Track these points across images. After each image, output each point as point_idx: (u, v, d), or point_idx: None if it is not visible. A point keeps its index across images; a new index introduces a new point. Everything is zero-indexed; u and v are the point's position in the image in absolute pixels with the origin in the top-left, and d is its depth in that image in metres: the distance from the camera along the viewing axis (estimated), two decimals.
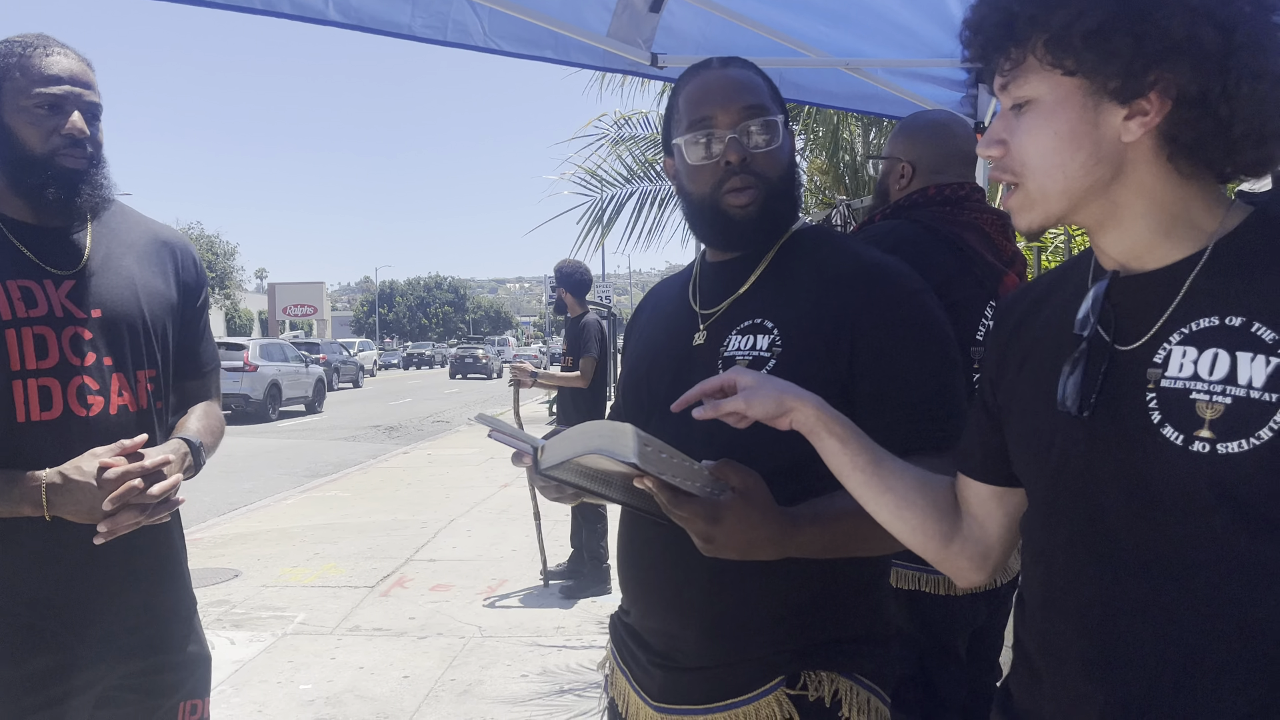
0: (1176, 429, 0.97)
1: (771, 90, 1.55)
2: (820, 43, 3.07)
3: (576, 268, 6.34)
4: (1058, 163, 1.02)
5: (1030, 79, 1.02)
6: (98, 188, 1.79)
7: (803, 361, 1.42)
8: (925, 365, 1.42)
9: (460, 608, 5.84)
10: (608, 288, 27.17)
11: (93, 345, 1.75)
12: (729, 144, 1.48)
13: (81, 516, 1.64)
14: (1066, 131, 1.01)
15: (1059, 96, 1.01)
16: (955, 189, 2.34)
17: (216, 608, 5.86)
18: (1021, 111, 1.04)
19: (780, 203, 1.52)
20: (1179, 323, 1.00)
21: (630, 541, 1.56)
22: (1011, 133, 1.05)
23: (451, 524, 8.55)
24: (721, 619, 1.44)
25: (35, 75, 1.71)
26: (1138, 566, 1.00)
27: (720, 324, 1.52)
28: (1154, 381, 1.00)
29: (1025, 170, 1.04)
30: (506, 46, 2.56)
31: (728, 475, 1.23)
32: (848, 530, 1.32)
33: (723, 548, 1.22)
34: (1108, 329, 1.06)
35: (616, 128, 8.27)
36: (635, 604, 1.56)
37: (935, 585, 2.17)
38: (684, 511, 1.20)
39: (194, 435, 1.85)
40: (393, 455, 14.23)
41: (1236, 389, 0.94)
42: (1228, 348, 0.95)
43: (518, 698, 4.38)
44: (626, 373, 1.66)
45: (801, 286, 1.48)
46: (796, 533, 1.26)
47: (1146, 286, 1.04)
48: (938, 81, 3.52)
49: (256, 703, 4.37)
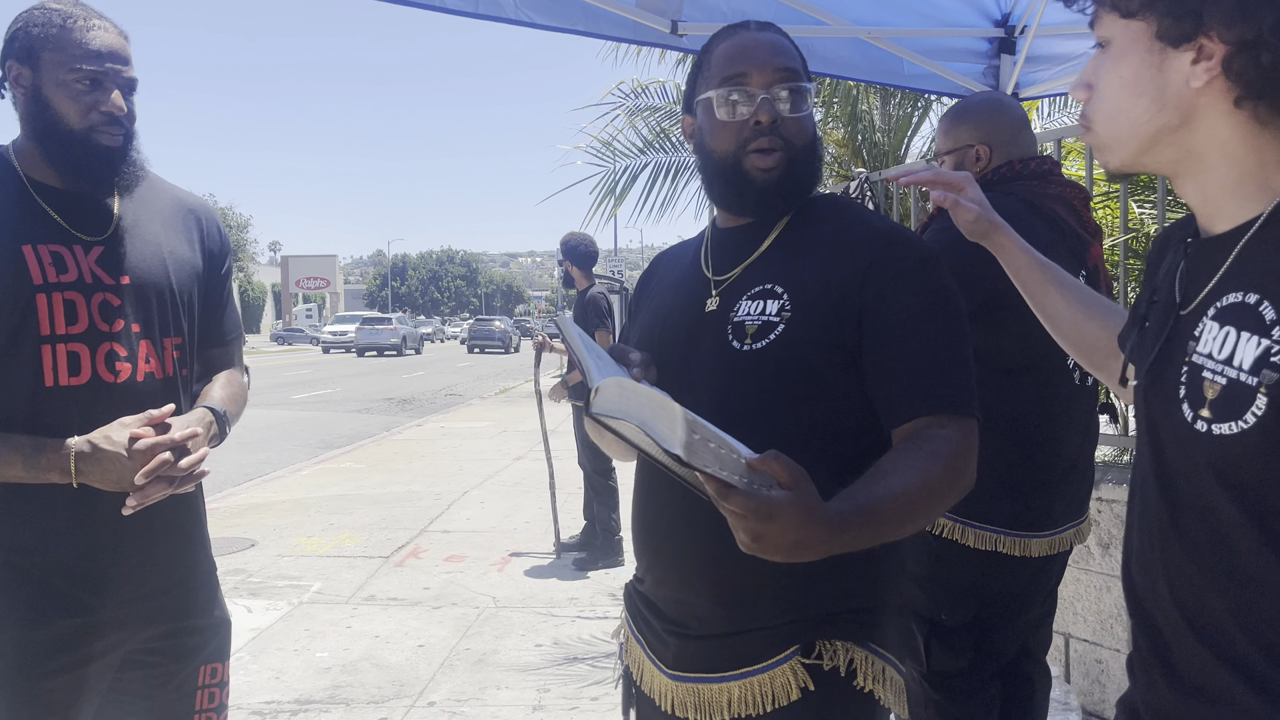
0: (1190, 406, 0.97)
1: (803, 60, 1.54)
2: (842, 12, 3.03)
3: (582, 240, 6.25)
4: (1121, 107, 1.02)
5: (1104, 19, 1.02)
6: (133, 164, 1.80)
7: (811, 326, 1.41)
8: (933, 334, 1.40)
9: (474, 578, 5.88)
10: (620, 262, 27.15)
11: (121, 312, 1.75)
12: (760, 104, 1.46)
13: (109, 485, 1.65)
14: (1130, 77, 1.00)
15: (1126, 40, 1.00)
16: (1039, 163, 2.39)
17: (234, 576, 5.92)
18: (1103, 52, 1.04)
19: (803, 170, 1.51)
20: (1218, 295, 0.99)
21: (644, 509, 1.56)
22: (1095, 74, 1.05)
23: (465, 496, 8.60)
24: (733, 586, 1.43)
25: (77, 49, 1.70)
26: (1159, 533, 1.03)
27: (732, 289, 1.51)
28: (1189, 354, 0.99)
29: (1096, 114, 1.05)
30: (537, 19, 2.55)
31: (775, 470, 1.14)
32: (889, 520, 1.27)
33: (769, 547, 1.15)
34: (1181, 291, 1.06)
35: (634, 96, 8.21)
36: (649, 572, 1.56)
37: (1013, 546, 2.23)
38: (734, 506, 1.12)
39: (218, 404, 1.85)
40: (406, 428, 14.30)
41: (1230, 370, 0.93)
42: (1237, 325, 0.94)
43: (531, 666, 4.41)
44: (639, 336, 1.64)
45: (813, 252, 1.47)
46: (844, 531, 1.19)
47: (1208, 252, 1.03)
48: (959, 54, 3.48)
49: (274, 669, 4.41)
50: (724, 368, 1.44)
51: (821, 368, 1.40)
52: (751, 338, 1.43)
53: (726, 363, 1.44)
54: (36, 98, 1.71)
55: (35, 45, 1.70)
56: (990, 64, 3.54)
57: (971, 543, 2.23)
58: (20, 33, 1.71)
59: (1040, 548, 2.26)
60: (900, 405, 1.38)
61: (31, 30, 1.70)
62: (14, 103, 1.77)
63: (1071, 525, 2.34)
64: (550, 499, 6.38)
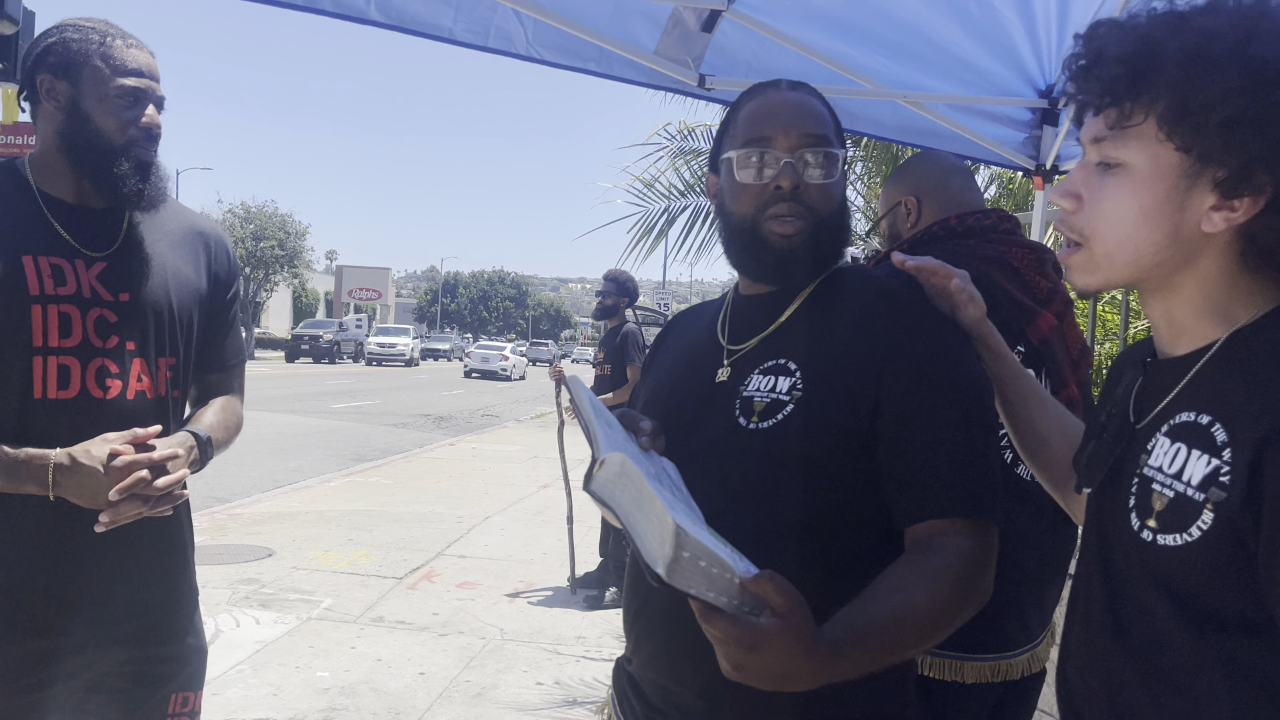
0: (1138, 516, 0.99)
1: (835, 123, 1.48)
2: (878, 74, 3.00)
3: (630, 277, 6.45)
4: (1132, 235, 0.99)
5: (1132, 144, 0.98)
6: (162, 179, 1.84)
7: (823, 408, 1.32)
8: (953, 431, 1.30)
9: (484, 607, 5.85)
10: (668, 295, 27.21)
11: (117, 328, 1.76)
12: (784, 168, 1.40)
13: (85, 500, 1.65)
14: (1152, 207, 0.97)
15: (1156, 170, 0.97)
16: (980, 218, 2.10)
17: (246, 585, 5.95)
18: (1109, 173, 1.00)
19: (827, 239, 1.44)
20: (1171, 413, 1.01)
21: (635, 586, 1.48)
22: (1091, 190, 1.02)
23: (486, 521, 8.59)
24: (720, 681, 1.30)
25: (117, 66, 1.75)
26: (1099, 634, 1.06)
27: (745, 361, 1.44)
28: (1141, 466, 1.02)
29: (1096, 234, 1.01)
30: (549, 56, 2.54)
31: (769, 593, 1.07)
32: (889, 645, 1.19)
33: (752, 677, 1.09)
34: (1137, 407, 1.08)
35: (678, 139, 8.22)
36: (636, 652, 1.48)
37: (942, 670, 1.92)
38: (717, 631, 1.07)
39: (205, 430, 1.86)
40: (439, 446, 14.37)
41: (1179, 484, 0.95)
42: (1188, 443, 0.96)
43: (529, 706, 4.36)
44: (647, 398, 1.59)
45: (833, 329, 1.39)
46: (838, 662, 1.12)
47: (1166, 372, 1.05)
48: (999, 120, 3.43)
49: (273, 685, 4.41)
50: (729, 445, 1.37)
51: (829, 453, 1.32)
52: (759, 415, 1.36)
53: (732, 441, 1.37)
54: (74, 112, 1.75)
55: (75, 61, 1.74)
56: (1032, 134, 3.48)
57: None
58: (57, 47, 1.75)
59: (977, 673, 1.92)
60: (913, 506, 1.30)
61: (70, 45, 1.74)
62: (35, 117, 1.80)
63: (1023, 650, 1.97)
64: (568, 532, 6.34)
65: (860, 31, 2.83)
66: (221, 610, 5.41)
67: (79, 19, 1.80)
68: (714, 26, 2.56)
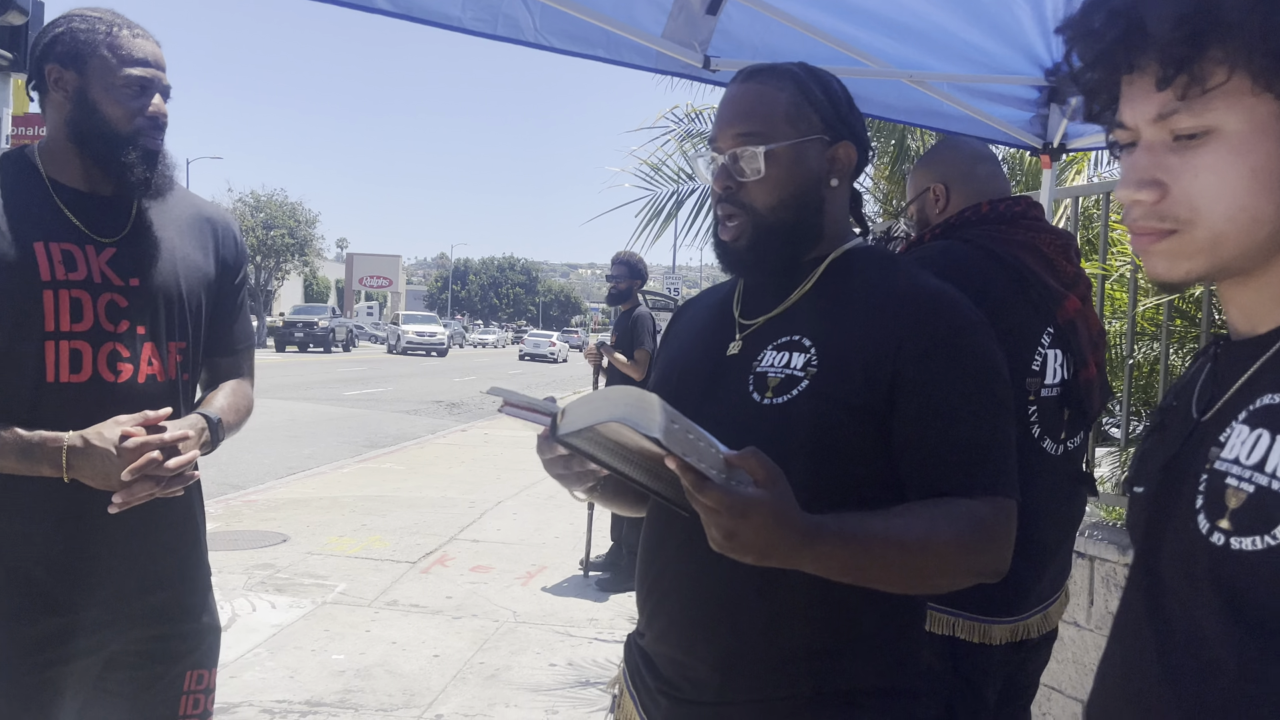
0: (1207, 516, 0.83)
1: (798, 107, 1.43)
2: (884, 54, 3.00)
3: (640, 259, 6.45)
4: (1247, 205, 0.83)
5: (1217, 106, 0.83)
6: (169, 167, 1.87)
7: (838, 385, 1.33)
8: (970, 405, 1.32)
9: (498, 590, 5.90)
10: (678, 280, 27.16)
11: (127, 313, 1.80)
12: (718, 171, 1.43)
13: (99, 482, 1.69)
14: (1265, 168, 0.83)
15: (1257, 125, 0.82)
16: (1010, 205, 2.22)
17: (262, 570, 6.01)
18: (1192, 145, 0.85)
19: (777, 234, 1.43)
20: (1250, 398, 0.86)
21: (649, 563, 1.49)
22: (1173, 172, 0.86)
23: (499, 505, 8.64)
24: (734, 653, 1.36)
25: (125, 56, 1.78)
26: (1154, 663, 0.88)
27: (757, 337, 1.45)
28: (1211, 460, 0.86)
29: (1198, 215, 0.85)
30: (557, 43, 2.55)
31: (752, 467, 1.12)
32: (873, 555, 1.22)
33: (741, 547, 1.12)
34: (1205, 396, 0.93)
35: (686, 122, 8.22)
36: (649, 626, 1.49)
37: (971, 632, 2.07)
38: (709, 500, 1.09)
39: (215, 412, 1.89)
40: (451, 432, 14.43)
41: (1260, 477, 0.79)
42: (1273, 429, 0.80)
43: (543, 686, 4.41)
44: (658, 377, 1.61)
45: (846, 308, 1.40)
46: (818, 542, 1.16)
47: (1241, 353, 0.90)
48: (1006, 100, 3.42)
49: (289, 668, 4.47)
50: (743, 420, 1.37)
51: (843, 428, 1.33)
52: (774, 391, 1.36)
53: (746, 415, 1.37)
54: (82, 101, 1.77)
55: (82, 50, 1.76)
56: (1039, 113, 3.47)
57: (929, 626, 2.01)
58: (65, 37, 1.77)
59: (1002, 634, 2.09)
60: (930, 483, 1.31)
61: (78, 35, 1.76)
62: (43, 106, 1.83)
63: (1038, 610, 2.16)
64: (587, 514, 6.35)
65: (864, 12, 2.83)
66: (238, 595, 5.48)
67: (87, 9, 1.82)
68: (719, 9, 2.56)
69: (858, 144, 1.48)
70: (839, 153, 1.46)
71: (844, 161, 1.46)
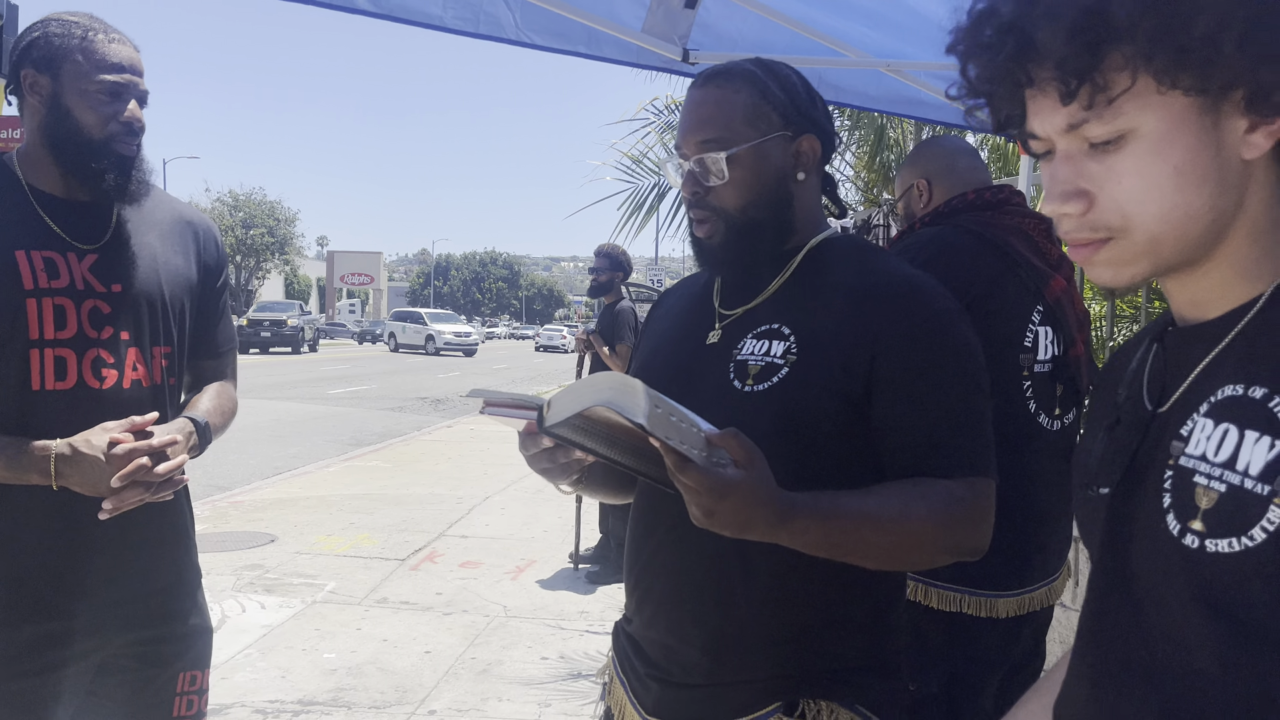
0: (1177, 517, 0.80)
1: (756, 108, 1.44)
2: (860, 43, 3.02)
3: (623, 251, 6.45)
4: (1179, 202, 0.81)
5: (1128, 109, 0.80)
6: (145, 173, 1.86)
7: (817, 372, 1.36)
8: (946, 389, 1.36)
9: (487, 586, 5.91)
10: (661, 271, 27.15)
11: (111, 319, 1.79)
12: (686, 177, 1.47)
13: (88, 489, 1.69)
14: (1188, 163, 0.81)
15: (1172, 122, 0.80)
16: (995, 192, 2.33)
17: (250, 571, 6.00)
18: (1112, 149, 0.82)
19: (748, 233, 1.46)
20: (1208, 389, 0.83)
21: (638, 551, 1.53)
22: (1097, 180, 0.84)
23: (486, 501, 8.64)
24: (722, 636, 1.40)
25: (99, 61, 1.76)
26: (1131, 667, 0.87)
27: (737, 326, 1.48)
28: (1175, 457, 0.83)
29: (1130, 220, 0.83)
30: (538, 40, 2.55)
31: (732, 447, 1.16)
32: (848, 531, 1.26)
33: (720, 523, 1.16)
34: (1157, 387, 0.90)
35: (665, 113, 8.22)
36: (638, 612, 1.52)
37: (978, 607, 2.13)
38: (690, 480, 1.13)
39: (202, 415, 1.89)
40: (436, 428, 14.40)
41: (1232, 475, 0.77)
42: (1239, 424, 0.78)
43: (535, 680, 4.43)
44: (639, 365, 1.63)
45: (825, 296, 1.43)
46: (794, 518, 1.20)
47: (1194, 340, 0.88)
48: None
49: (281, 668, 4.47)
50: (724, 407, 1.38)
51: (824, 415, 1.36)
52: (754, 378, 1.39)
53: (728, 403, 1.39)
54: (55, 106, 1.77)
55: (56, 55, 1.76)
56: None
57: (935, 604, 2.13)
58: (40, 41, 1.77)
59: (1008, 607, 2.15)
60: (906, 466, 1.35)
61: (52, 40, 1.76)
62: (22, 111, 1.82)
63: (1043, 583, 2.23)
64: (575, 508, 6.37)
65: (841, 2, 2.84)
66: (227, 596, 5.47)
67: (64, 13, 1.81)
68: (696, 3, 2.57)
69: (820, 134, 1.49)
70: (803, 146, 1.47)
71: (809, 154, 1.48)
